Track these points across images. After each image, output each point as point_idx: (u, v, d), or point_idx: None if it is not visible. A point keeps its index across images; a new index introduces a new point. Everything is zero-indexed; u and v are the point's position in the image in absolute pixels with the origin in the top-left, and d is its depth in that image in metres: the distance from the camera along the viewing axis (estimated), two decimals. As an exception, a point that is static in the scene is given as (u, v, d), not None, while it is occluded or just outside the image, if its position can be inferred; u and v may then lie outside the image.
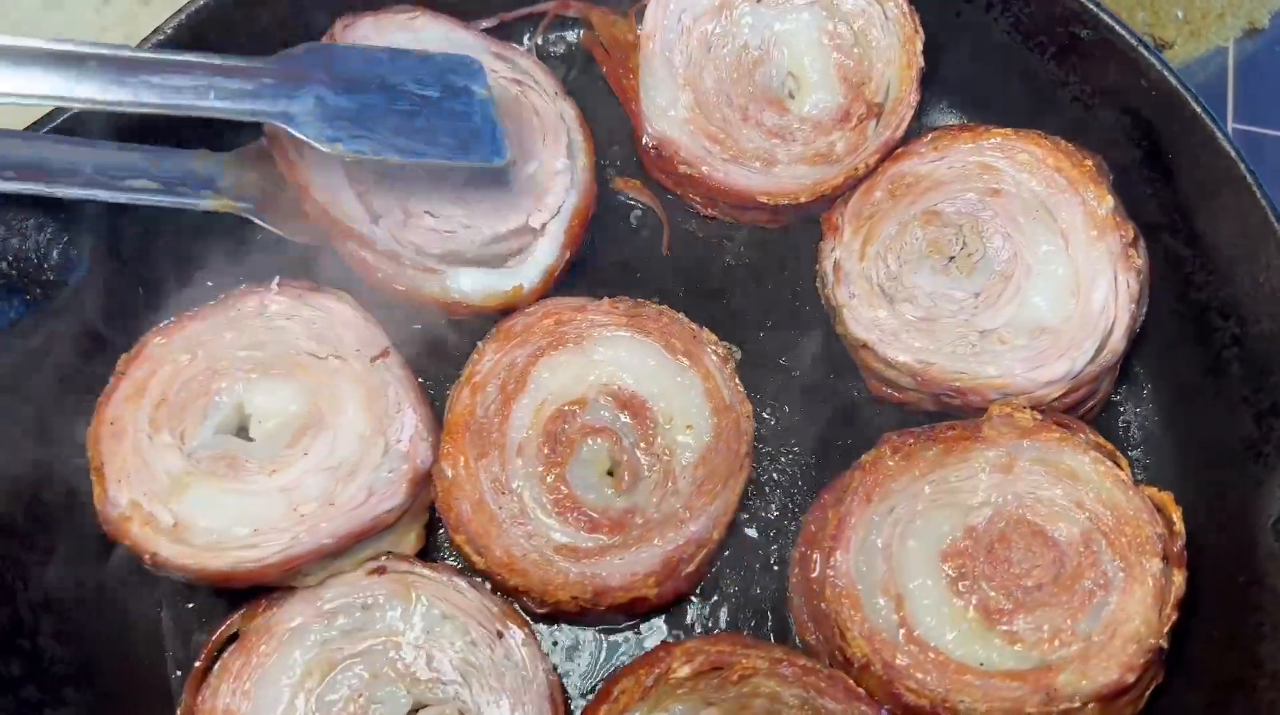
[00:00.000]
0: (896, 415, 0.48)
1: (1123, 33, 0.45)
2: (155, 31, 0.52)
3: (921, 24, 0.49)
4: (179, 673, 0.51)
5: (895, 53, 0.45)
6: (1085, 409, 0.44)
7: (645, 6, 0.48)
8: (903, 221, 0.43)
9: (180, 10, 0.52)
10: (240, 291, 0.51)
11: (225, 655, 0.44)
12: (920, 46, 0.46)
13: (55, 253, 0.44)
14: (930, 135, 0.45)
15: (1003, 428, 0.39)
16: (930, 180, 0.44)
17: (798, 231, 0.52)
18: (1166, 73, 0.44)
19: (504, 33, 0.59)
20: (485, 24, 0.58)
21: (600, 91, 0.54)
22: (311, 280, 0.53)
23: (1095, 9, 0.45)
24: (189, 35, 0.51)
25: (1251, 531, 0.37)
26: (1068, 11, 0.45)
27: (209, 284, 0.53)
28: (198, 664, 0.44)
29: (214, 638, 0.44)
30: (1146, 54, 0.44)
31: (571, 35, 0.57)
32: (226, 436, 0.48)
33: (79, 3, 0.63)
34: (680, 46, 0.45)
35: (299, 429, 0.48)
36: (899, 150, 0.45)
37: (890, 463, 0.39)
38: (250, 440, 0.49)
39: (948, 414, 0.46)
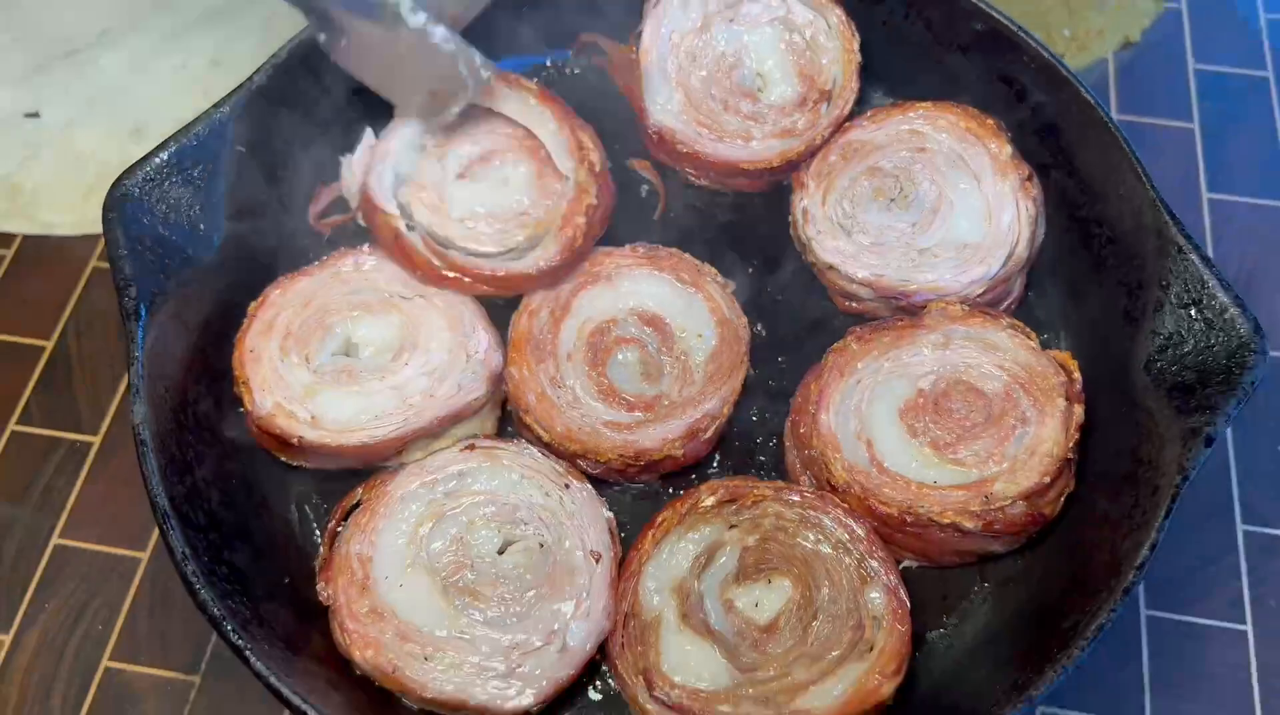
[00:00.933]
0: (858, 322, 0.58)
1: (1006, 23, 0.58)
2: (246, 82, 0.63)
3: (857, 29, 0.63)
4: (316, 535, 0.62)
5: (838, 53, 0.59)
6: (1004, 306, 0.56)
7: (643, 30, 0.60)
8: (853, 176, 0.56)
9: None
10: (338, 253, 0.65)
11: (352, 517, 0.54)
12: (857, 46, 0.61)
13: (201, 228, 0.54)
14: (870, 112, 0.60)
15: (939, 317, 0.51)
16: (872, 144, 0.57)
17: (771, 195, 0.66)
18: (1041, 50, 0.57)
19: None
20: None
21: (613, 95, 0.68)
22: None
23: (985, 7, 0.59)
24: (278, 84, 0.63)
25: (1129, 371, 0.48)
26: (963, 11, 0.59)
27: (310, 256, 0.66)
28: (330, 524, 0.54)
29: (343, 503, 0.54)
30: (1025, 37, 0.58)
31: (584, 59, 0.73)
32: (342, 357, 0.59)
33: (162, 68, 0.74)
34: (671, 58, 0.59)
35: (399, 349, 0.60)
36: (846, 124, 0.59)
37: (855, 347, 0.51)
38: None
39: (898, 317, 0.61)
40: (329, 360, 0.61)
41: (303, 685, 0.48)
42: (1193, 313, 0.44)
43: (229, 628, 0.47)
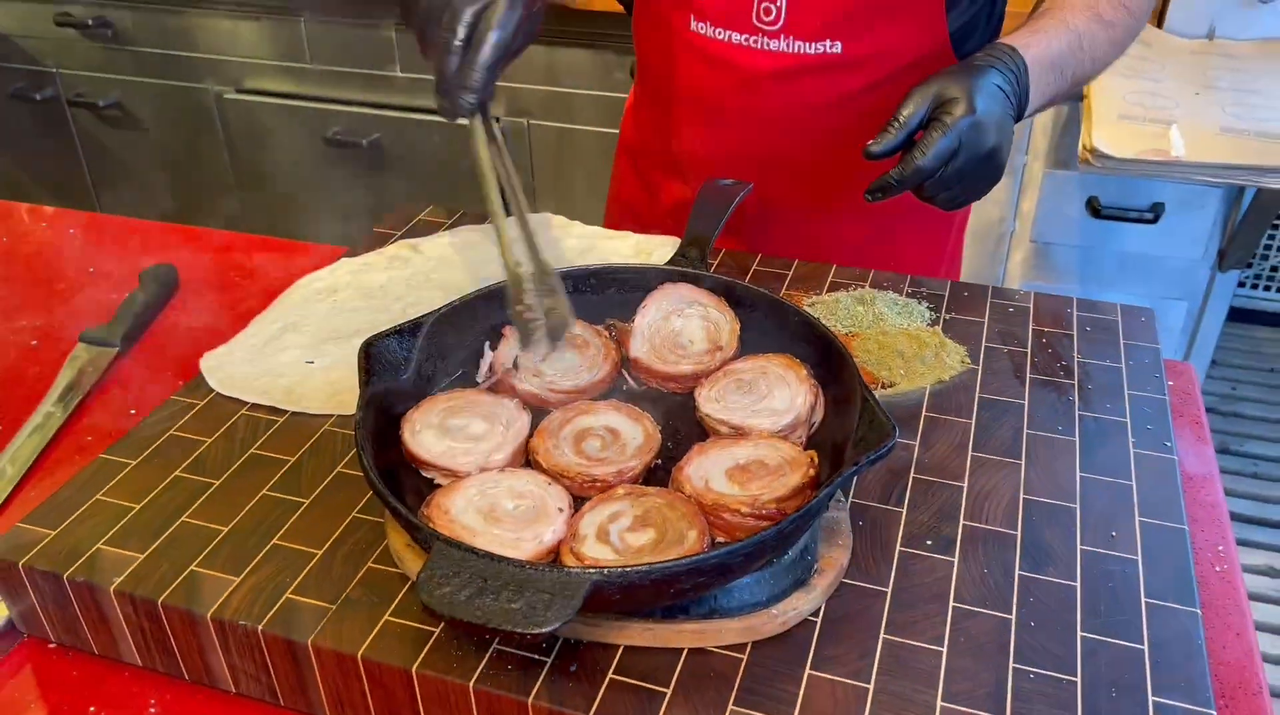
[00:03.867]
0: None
1: (809, 317, 1.08)
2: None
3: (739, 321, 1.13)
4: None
5: (728, 331, 1.02)
6: (796, 436, 0.96)
7: (635, 320, 1.08)
8: (726, 383, 0.98)
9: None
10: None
11: (436, 494, 0.82)
12: (739, 329, 1.05)
13: (401, 367, 0.93)
14: (740, 359, 1.02)
15: (756, 436, 0.91)
16: (738, 370, 0.98)
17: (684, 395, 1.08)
18: (824, 331, 1.05)
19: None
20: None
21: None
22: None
23: (798, 309, 1.09)
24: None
25: (843, 452, 0.87)
26: (789, 312, 1.08)
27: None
28: (429, 496, 0.87)
29: (437, 487, 0.86)
30: (818, 325, 1.07)
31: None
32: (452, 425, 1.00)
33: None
34: (646, 329, 1.02)
35: (483, 433, 0.91)
36: (728, 363, 1.02)
37: (709, 444, 0.93)
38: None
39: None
40: (449, 424, 0.89)
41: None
42: (868, 423, 0.87)
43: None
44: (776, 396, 0.99)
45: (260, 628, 0.76)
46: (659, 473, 0.87)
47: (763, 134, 1.22)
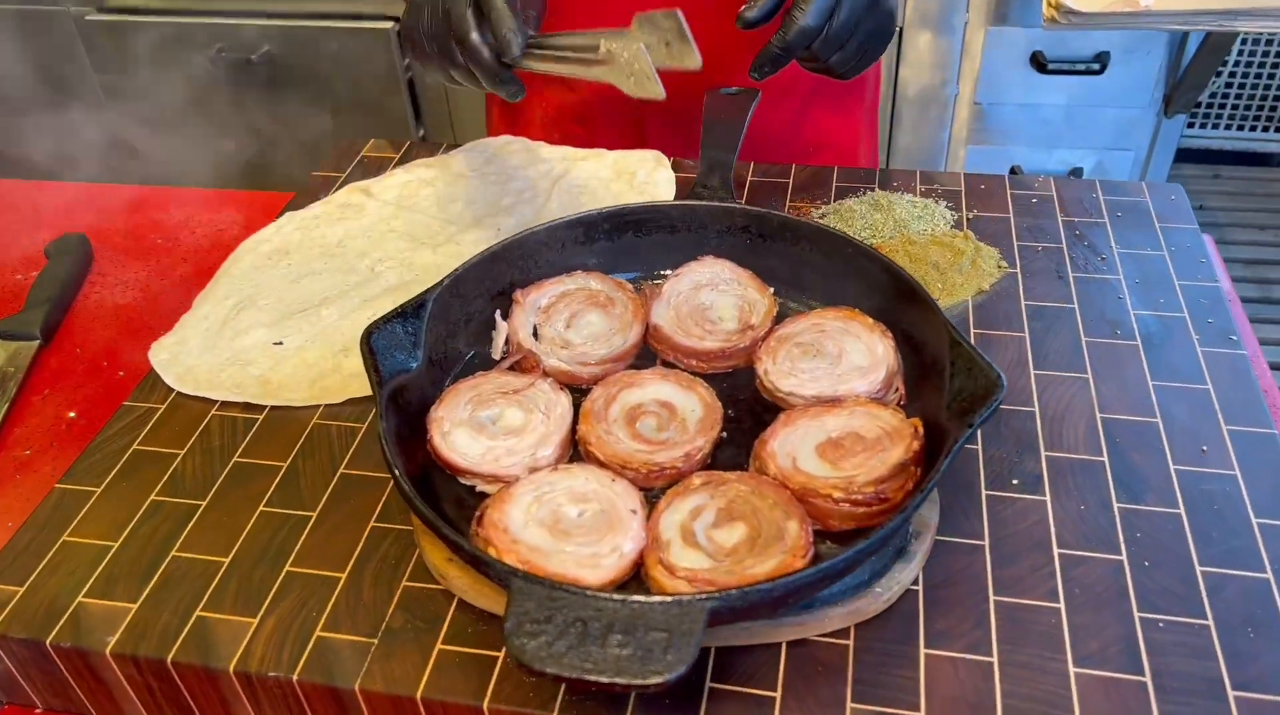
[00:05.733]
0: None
1: (866, 247, 0.87)
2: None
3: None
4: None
5: (764, 311, 0.93)
6: (893, 402, 0.87)
7: (662, 286, 0.95)
8: (786, 350, 0.87)
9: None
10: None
11: (488, 507, 0.72)
12: (775, 309, 0.94)
13: (411, 350, 0.79)
14: (787, 319, 0.92)
15: (850, 403, 0.81)
16: (791, 333, 0.88)
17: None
18: (887, 261, 0.89)
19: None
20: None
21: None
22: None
23: (850, 237, 0.88)
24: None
25: (939, 414, 0.75)
26: (840, 242, 0.89)
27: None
28: (477, 514, 0.73)
29: (485, 503, 0.73)
30: (877, 255, 0.86)
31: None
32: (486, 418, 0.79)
33: (360, 317, 0.97)
34: (672, 297, 0.93)
35: (517, 429, 0.80)
36: (778, 325, 0.92)
37: (796, 414, 0.81)
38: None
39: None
40: (481, 417, 0.79)
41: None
42: (965, 374, 0.77)
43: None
44: (851, 352, 0.88)
45: (295, 677, 0.68)
46: (726, 449, 0.81)
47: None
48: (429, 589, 0.73)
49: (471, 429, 0.75)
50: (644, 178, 1.24)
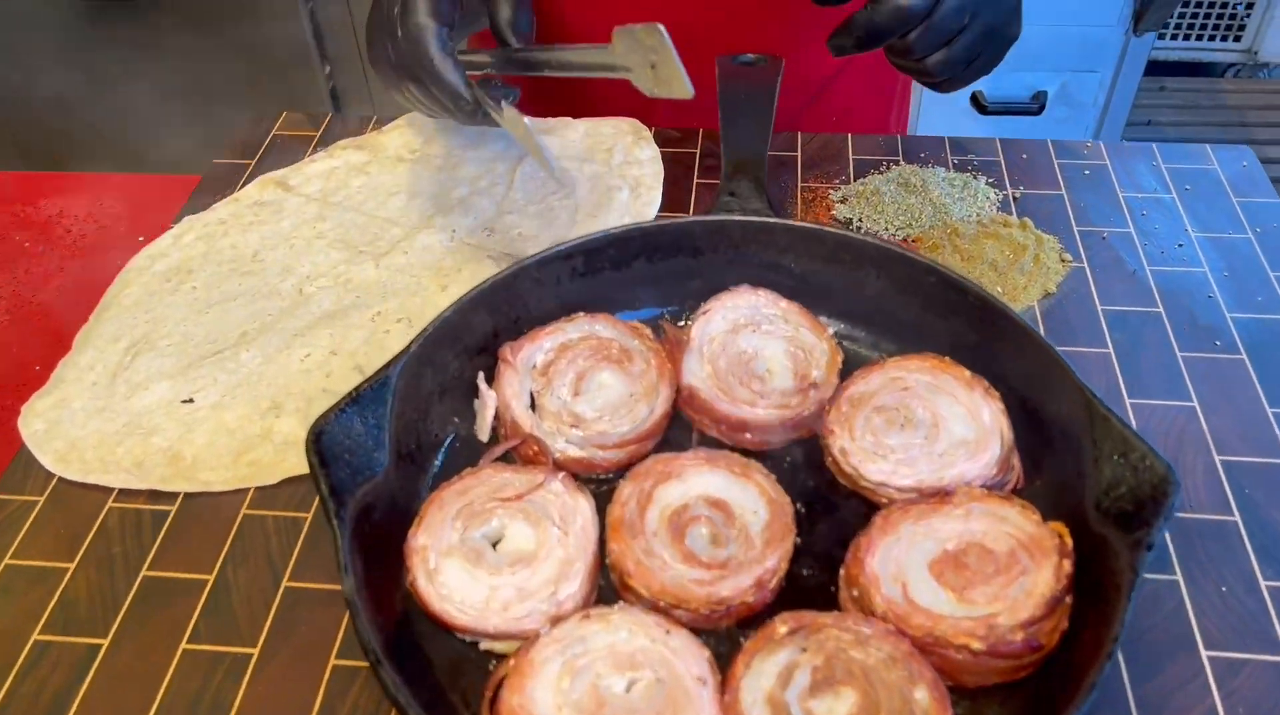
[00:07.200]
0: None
1: (954, 275, 0.73)
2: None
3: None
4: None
5: (825, 362, 0.75)
6: (1010, 486, 0.69)
7: (691, 325, 0.76)
8: (865, 416, 0.71)
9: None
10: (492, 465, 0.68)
11: (505, 680, 0.57)
12: (840, 359, 0.76)
13: (375, 455, 0.61)
14: (857, 371, 0.74)
15: (964, 497, 0.65)
16: (868, 393, 0.72)
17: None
18: (983, 293, 0.71)
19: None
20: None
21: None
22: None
23: (934, 263, 0.74)
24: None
25: (1085, 512, 0.60)
26: (919, 268, 0.74)
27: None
28: (486, 692, 0.57)
29: (495, 674, 0.58)
30: (969, 284, 0.72)
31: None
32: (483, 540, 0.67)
33: (290, 359, 0.80)
34: (707, 345, 0.75)
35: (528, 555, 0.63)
36: (847, 381, 0.74)
37: (897, 514, 0.64)
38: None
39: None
40: (477, 540, 0.63)
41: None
42: (1121, 462, 0.60)
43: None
44: (949, 419, 0.68)
45: None
46: (801, 560, 0.66)
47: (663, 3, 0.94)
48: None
49: (466, 560, 0.55)
50: (622, 156, 1.03)
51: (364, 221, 0.97)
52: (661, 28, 0.64)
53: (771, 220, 0.76)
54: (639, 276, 0.77)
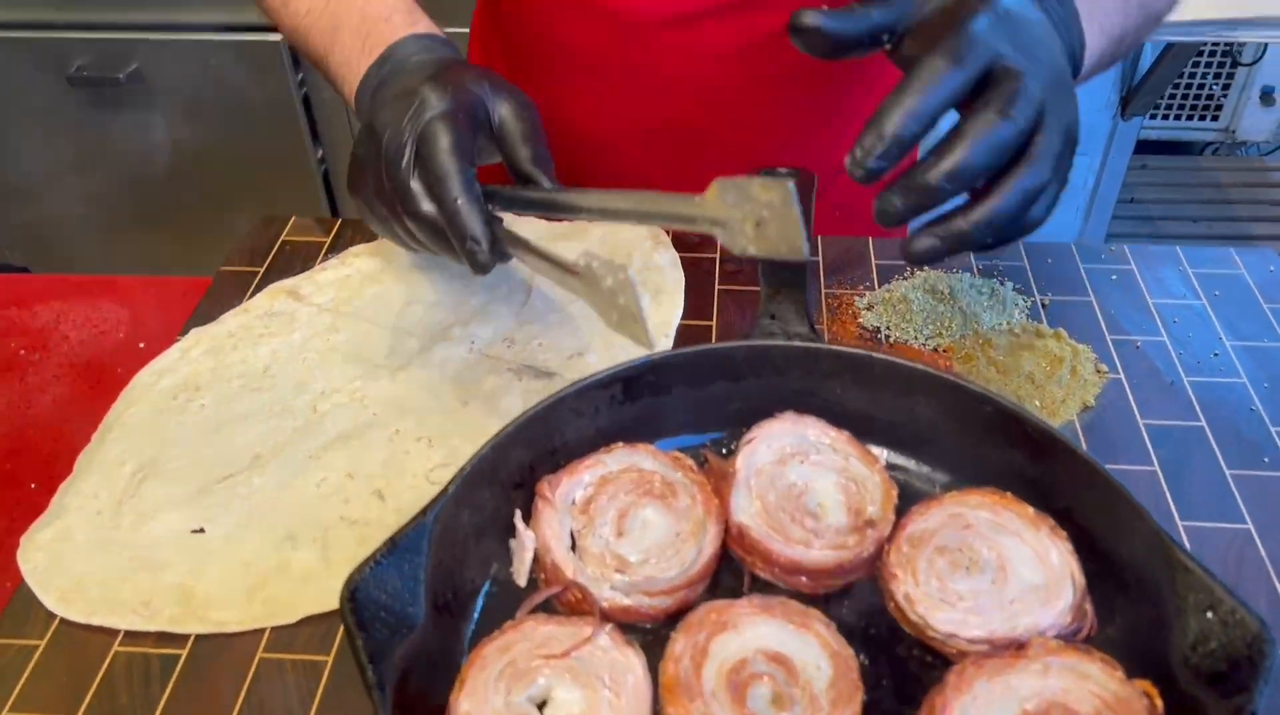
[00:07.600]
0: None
1: (1011, 405, 0.70)
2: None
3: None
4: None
5: (880, 496, 0.71)
6: (1084, 634, 0.64)
7: (737, 455, 0.73)
8: (928, 558, 0.67)
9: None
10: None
11: None
12: (895, 493, 0.72)
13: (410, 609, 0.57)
14: (915, 507, 0.70)
15: (1040, 650, 0.61)
16: (928, 531, 0.69)
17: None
18: (1043, 425, 0.68)
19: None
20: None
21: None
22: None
23: (988, 392, 0.71)
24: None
25: (1172, 668, 0.57)
26: (972, 397, 0.71)
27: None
28: None
29: None
30: (1028, 416, 0.69)
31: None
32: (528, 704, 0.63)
33: (305, 484, 0.77)
34: (754, 478, 0.71)
35: None
36: (904, 517, 0.70)
37: (971, 670, 0.60)
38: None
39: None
40: (522, 703, 0.59)
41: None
42: (1209, 616, 0.56)
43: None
44: (1015, 561, 0.65)
45: None
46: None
47: (660, 99, 0.98)
48: None
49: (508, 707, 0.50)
50: (641, 262, 1.00)
51: (378, 333, 0.94)
52: (791, 185, 0.55)
53: (817, 346, 0.73)
54: (677, 402, 0.74)
